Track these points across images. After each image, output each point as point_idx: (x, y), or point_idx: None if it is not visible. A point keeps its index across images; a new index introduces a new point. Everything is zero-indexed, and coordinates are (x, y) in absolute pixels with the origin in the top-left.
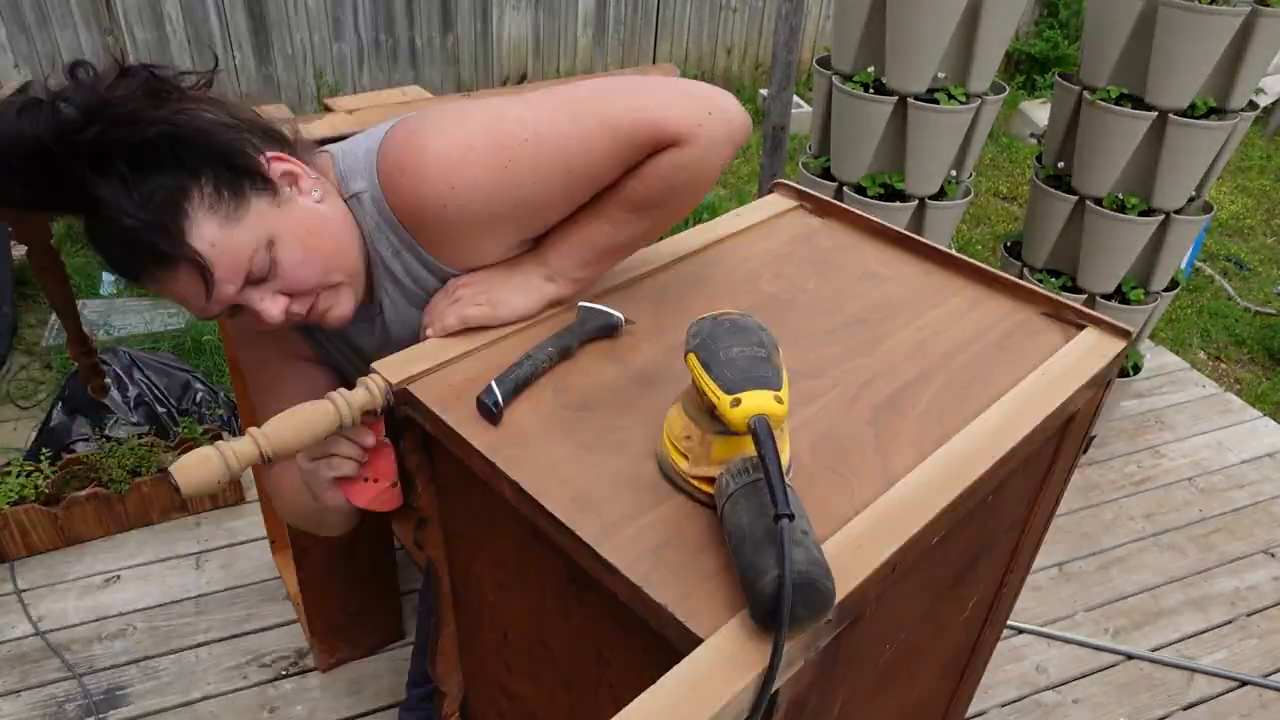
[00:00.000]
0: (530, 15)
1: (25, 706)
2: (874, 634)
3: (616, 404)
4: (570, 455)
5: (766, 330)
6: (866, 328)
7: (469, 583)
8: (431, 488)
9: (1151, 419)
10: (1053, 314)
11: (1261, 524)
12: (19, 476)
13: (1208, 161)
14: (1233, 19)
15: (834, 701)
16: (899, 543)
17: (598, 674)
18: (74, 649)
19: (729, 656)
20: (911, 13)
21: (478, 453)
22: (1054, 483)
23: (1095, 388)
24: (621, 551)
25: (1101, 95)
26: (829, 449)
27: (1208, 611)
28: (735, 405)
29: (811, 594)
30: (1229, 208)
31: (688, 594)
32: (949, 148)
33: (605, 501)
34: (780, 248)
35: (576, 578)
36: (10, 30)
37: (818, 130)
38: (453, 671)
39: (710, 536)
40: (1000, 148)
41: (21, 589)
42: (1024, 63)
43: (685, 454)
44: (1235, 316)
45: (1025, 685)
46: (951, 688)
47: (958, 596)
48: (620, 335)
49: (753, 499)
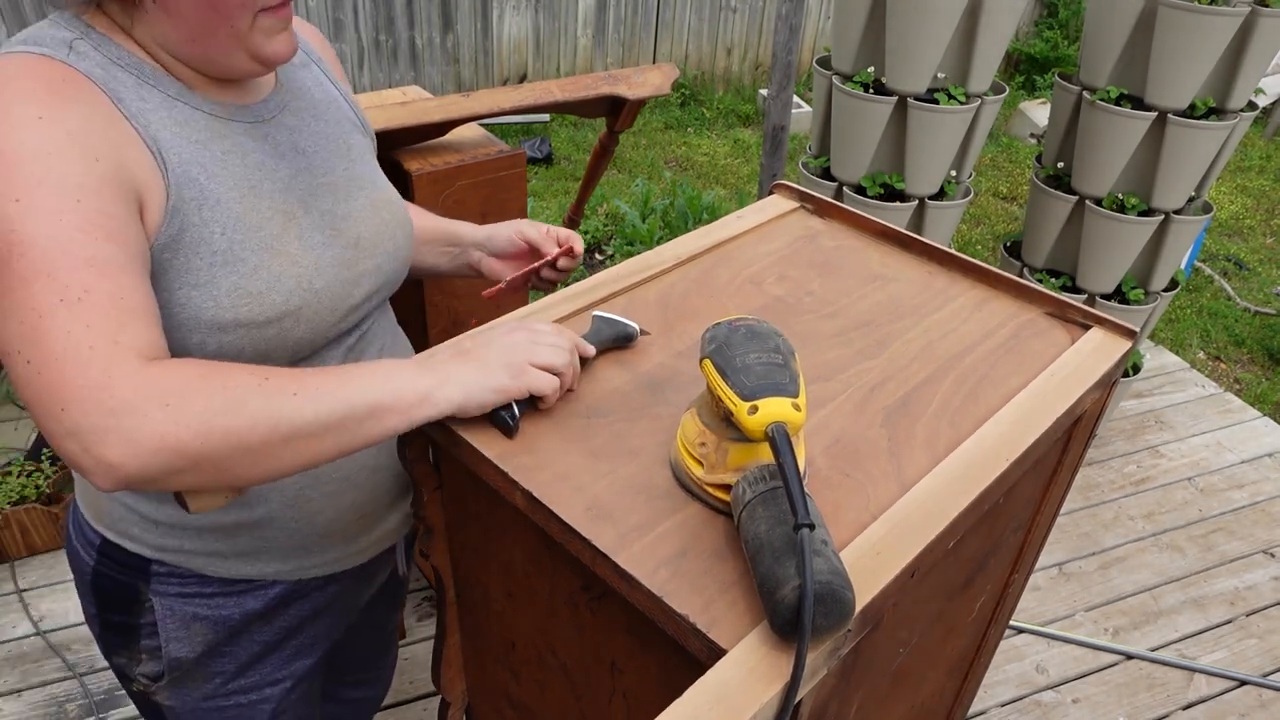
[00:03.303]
0: (530, 15)
1: (26, 706)
2: (890, 639)
3: (627, 410)
4: (582, 463)
5: (783, 336)
6: (873, 330)
7: (476, 592)
8: (438, 497)
9: (1151, 419)
10: (1057, 314)
11: (1261, 524)
12: (20, 476)
13: (1207, 162)
14: (1232, 19)
15: (851, 706)
16: (918, 549)
17: (610, 684)
18: (74, 649)
19: (752, 668)
20: (911, 13)
21: (488, 462)
22: (1060, 483)
23: (1103, 388)
24: (639, 561)
25: (1101, 95)
26: (842, 453)
27: (1207, 611)
28: (753, 413)
29: (833, 604)
30: (1228, 208)
31: (708, 604)
32: (949, 148)
33: (620, 510)
34: (783, 249)
35: (590, 586)
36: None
37: (818, 130)
38: (458, 680)
39: (728, 544)
40: (1000, 148)
41: (22, 588)
42: (1024, 63)
43: (700, 461)
44: (1235, 316)
45: (1025, 685)
46: (956, 687)
47: (967, 598)
48: (639, 343)
49: (771, 507)
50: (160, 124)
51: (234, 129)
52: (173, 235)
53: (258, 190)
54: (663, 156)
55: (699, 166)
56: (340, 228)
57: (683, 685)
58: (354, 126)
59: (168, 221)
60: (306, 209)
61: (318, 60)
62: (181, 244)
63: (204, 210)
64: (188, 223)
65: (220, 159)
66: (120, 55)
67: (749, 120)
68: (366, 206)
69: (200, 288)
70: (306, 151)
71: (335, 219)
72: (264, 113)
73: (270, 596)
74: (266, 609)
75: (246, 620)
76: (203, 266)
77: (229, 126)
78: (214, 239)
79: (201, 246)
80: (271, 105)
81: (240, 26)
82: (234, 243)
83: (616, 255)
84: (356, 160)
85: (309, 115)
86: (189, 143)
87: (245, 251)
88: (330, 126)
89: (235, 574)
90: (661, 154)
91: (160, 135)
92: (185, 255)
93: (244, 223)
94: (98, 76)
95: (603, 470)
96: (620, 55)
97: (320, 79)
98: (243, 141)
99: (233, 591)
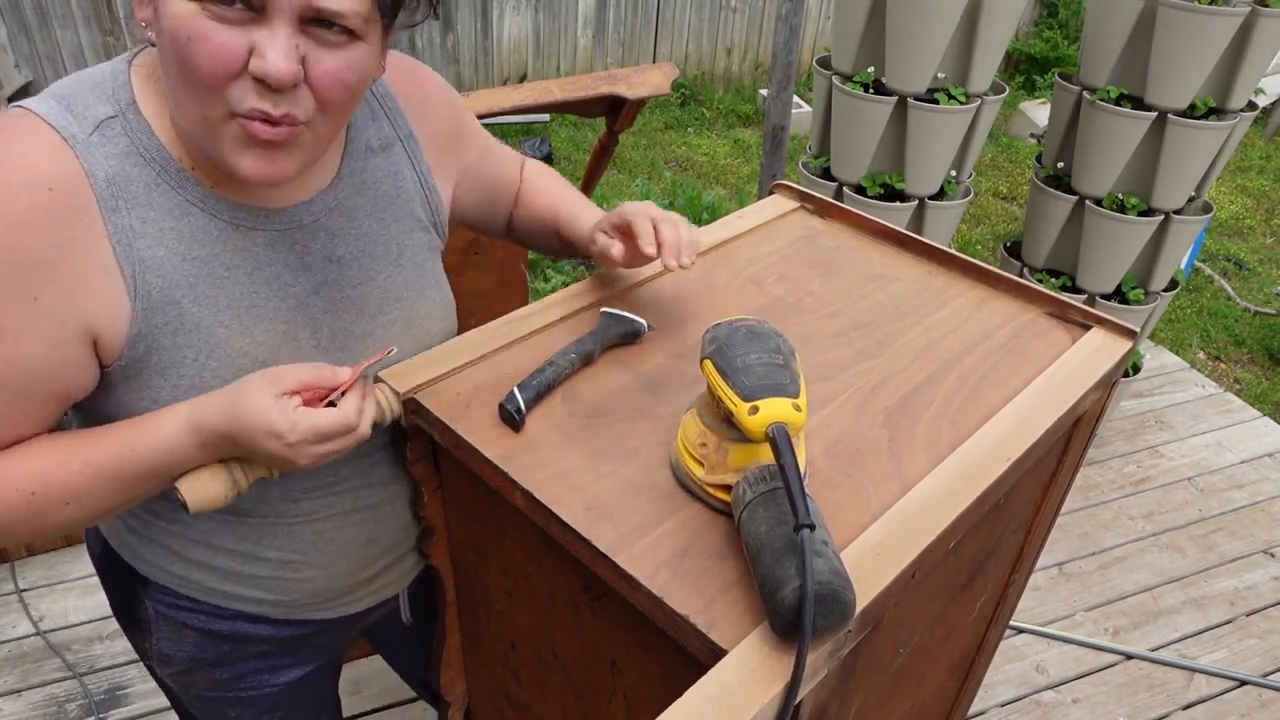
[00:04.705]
0: (530, 15)
1: (26, 706)
2: (890, 639)
3: (627, 410)
4: (583, 463)
5: (783, 337)
6: (874, 330)
7: (476, 592)
8: (438, 496)
9: (1151, 419)
10: (1058, 314)
11: (1261, 524)
12: None
13: (1207, 162)
14: (1232, 19)
15: (851, 706)
16: (918, 549)
17: (611, 684)
18: (75, 649)
19: (753, 668)
20: (911, 13)
21: (489, 462)
22: (1060, 483)
23: (1103, 388)
24: (640, 562)
25: (1101, 95)
26: (843, 453)
27: (1207, 611)
28: (753, 413)
29: (833, 605)
30: (1228, 208)
31: (708, 604)
32: (949, 148)
33: (620, 510)
34: (783, 249)
35: (590, 587)
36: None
37: (818, 130)
38: (458, 680)
39: (728, 544)
40: (1000, 148)
41: (22, 589)
42: (1024, 63)
43: (701, 461)
44: (1235, 316)
45: (1025, 685)
46: (956, 687)
47: (967, 598)
48: (641, 341)
49: (771, 507)
50: (155, 239)
51: (253, 239)
52: (135, 358)
53: (256, 311)
54: (663, 156)
55: (699, 166)
56: (351, 348)
57: (683, 685)
58: (418, 224)
59: (129, 348)
60: (315, 329)
61: (407, 137)
62: (146, 365)
63: (179, 335)
64: (156, 345)
65: (219, 278)
66: (148, 146)
67: (749, 120)
68: (396, 324)
69: (157, 402)
70: (342, 260)
71: (349, 340)
72: (303, 216)
73: (262, 623)
74: (258, 633)
75: (240, 638)
76: (165, 386)
77: (248, 237)
78: (184, 364)
79: (169, 370)
80: (317, 206)
81: (210, 115)
82: (205, 370)
83: None
84: (407, 265)
85: (364, 214)
86: (184, 260)
87: (216, 380)
88: (386, 227)
89: (225, 605)
90: (661, 154)
91: (148, 255)
92: (148, 375)
93: (224, 349)
94: (103, 177)
95: (603, 470)
96: (620, 55)
97: (398, 167)
98: (259, 254)
99: (223, 615)
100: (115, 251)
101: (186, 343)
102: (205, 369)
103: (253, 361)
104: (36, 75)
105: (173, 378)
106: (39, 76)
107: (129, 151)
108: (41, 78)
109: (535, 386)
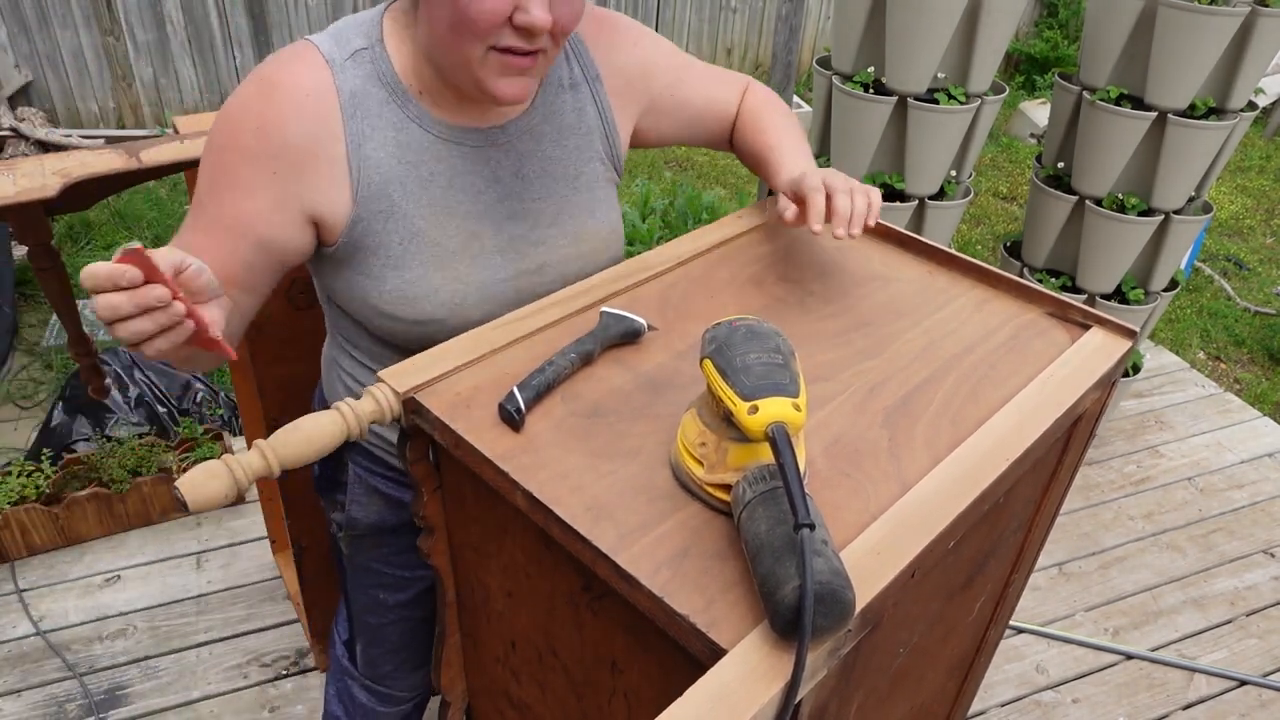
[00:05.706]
0: None
1: (26, 706)
2: (890, 639)
3: (627, 410)
4: (583, 463)
5: (783, 336)
6: (874, 329)
7: (476, 592)
8: (438, 496)
9: (1151, 419)
10: (1058, 314)
11: (1261, 524)
12: (20, 476)
13: (1207, 162)
14: (1232, 19)
15: (851, 706)
16: (918, 549)
17: (611, 683)
18: (75, 649)
19: (753, 668)
20: (911, 13)
21: (489, 462)
22: (1060, 483)
23: (1103, 388)
24: (640, 562)
25: (1101, 95)
26: (842, 453)
27: (1207, 611)
28: (753, 413)
29: (833, 605)
30: (1228, 208)
31: (708, 604)
32: (949, 148)
33: (620, 510)
34: (784, 249)
35: (590, 586)
36: (10, 30)
37: (818, 130)
38: (458, 680)
39: (728, 544)
40: (1000, 148)
41: (22, 589)
42: (1024, 63)
43: (701, 461)
44: (1235, 316)
45: (1025, 685)
46: (956, 688)
47: (967, 598)
48: (641, 341)
49: (771, 507)
50: (380, 143)
51: (455, 152)
52: (354, 239)
53: (450, 211)
54: (663, 156)
55: (699, 166)
56: (525, 252)
57: (683, 685)
58: (595, 155)
59: (348, 231)
60: (497, 231)
61: (594, 79)
62: (363, 246)
63: (389, 222)
64: (370, 229)
65: (424, 180)
66: (386, 73)
67: None
68: (566, 235)
69: (370, 279)
70: (526, 177)
71: (524, 245)
72: (499, 137)
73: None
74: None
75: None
76: (376, 264)
77: (451, 150)
78: (391, 246)
79: (380, 250)
80: (510, 130)
81: (472, 54)
82: (407, 252)
83: None
84: (582, 188)
85: (550, 140)
86: (399, 163)
87: (414, 261)
88: (568, 153)
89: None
90: (661, 154)
91: (371, 155)
92: (364, 254)
93: (422, 238)
94: (348, 91)
95: (603, 470)
96: None
97: (583, 104)
98: (458, 164)
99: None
100: (347, 148)
101: (394, 228)
102: (407, 252)
103: (444, 251)
104: (36, 75)
105: (382, 256)
106: (39, 76)
107: (371, 75)
108: (41, 78)
109: (535, 386)
